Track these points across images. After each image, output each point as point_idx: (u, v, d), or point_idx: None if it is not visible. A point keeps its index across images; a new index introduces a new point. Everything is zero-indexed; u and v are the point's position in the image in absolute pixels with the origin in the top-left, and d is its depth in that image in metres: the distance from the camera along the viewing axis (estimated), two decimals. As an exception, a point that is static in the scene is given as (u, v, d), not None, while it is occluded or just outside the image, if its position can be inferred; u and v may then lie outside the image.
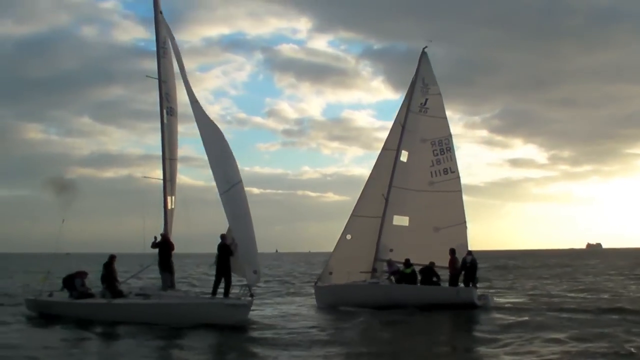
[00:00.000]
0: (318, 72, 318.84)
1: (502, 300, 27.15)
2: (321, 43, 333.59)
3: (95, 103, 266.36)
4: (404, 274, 24.80)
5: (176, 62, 21.58)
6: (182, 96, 22.33)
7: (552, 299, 27.56)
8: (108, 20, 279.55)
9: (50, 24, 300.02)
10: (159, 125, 22.31)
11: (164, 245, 20.85)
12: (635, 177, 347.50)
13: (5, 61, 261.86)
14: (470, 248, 25.18)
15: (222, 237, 20.09)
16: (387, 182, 26.40)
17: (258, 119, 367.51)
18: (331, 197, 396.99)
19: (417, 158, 26.54)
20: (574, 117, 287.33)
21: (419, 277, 24.77)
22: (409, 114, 26.79)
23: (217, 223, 20.43)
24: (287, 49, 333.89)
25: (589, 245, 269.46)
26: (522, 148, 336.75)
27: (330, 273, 26.23)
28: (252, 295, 19.25)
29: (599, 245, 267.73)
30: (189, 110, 21.02)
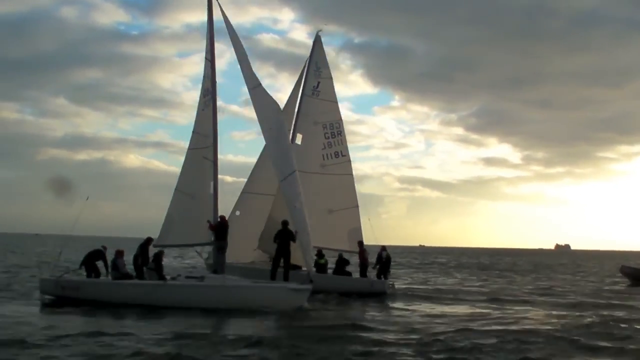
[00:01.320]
0: (298, 63, 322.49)
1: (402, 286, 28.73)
2: (302, 34, 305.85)
3: (71, 85, 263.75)
4: (319, 264, 25.05)
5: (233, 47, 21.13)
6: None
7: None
8: (89, 2, 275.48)
9: (31, 4, 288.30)
10: (134, 109, 21.81)
11: (222, 227, 19.99)
12: (607, 181, 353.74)
13: None
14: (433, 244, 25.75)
15: (285, 223, 20.61)
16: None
17: (235, 107, 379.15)
18: None
19: (309, 141, 26.71)
20: (550, 118, 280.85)
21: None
22: (303, 98, 27.01)
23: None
24: (267, 39, 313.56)
25: (557, 246, 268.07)
26: (497, 147, 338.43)
27: None
28: (311, 281, 19.11)
29: (567, 246, 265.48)
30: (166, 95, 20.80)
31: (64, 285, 18.97)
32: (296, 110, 26.90)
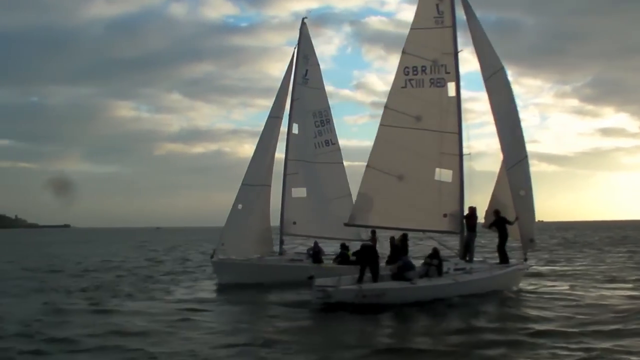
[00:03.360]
0: None
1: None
2: (410, 15, 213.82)
3: (184, 80, 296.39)
4: (347, 256, 24.08)
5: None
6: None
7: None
8: None
9: (140, 4, 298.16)
10: (247, 100, 21.57)
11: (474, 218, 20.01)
12: None
13: (97, 42, 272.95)
14: (552, 219, 26.95)
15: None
16: (274, 150, 25.82)
17: (346, 92, 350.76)
18: None
19: (304, 130, 26.29)
20: None
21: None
22: (295, 86, 26.26)
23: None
24: (375, 22, 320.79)
25: None
26: (613, 117, 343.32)
27: (223, 244, 24.47)
28: (526, 260, 20.36)
29: None
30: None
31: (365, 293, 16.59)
32: (289, 99, 26.16)
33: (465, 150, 19.66)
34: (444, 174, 19.56)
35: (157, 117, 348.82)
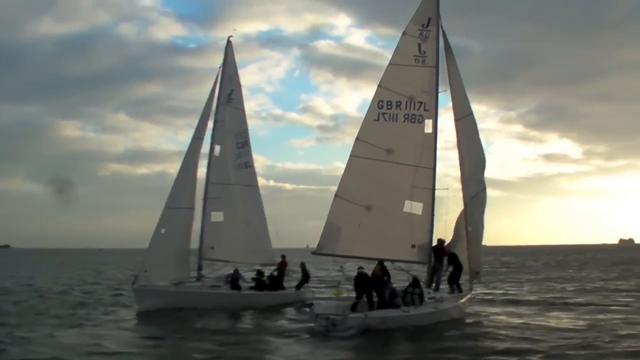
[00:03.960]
0: (355, 68, 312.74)
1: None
2: (359, 39, 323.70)
3: (131, 100, 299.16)
4: (262, 282, 24.87)
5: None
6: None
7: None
8: (147, 17, 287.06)
9: (90, 23, 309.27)
10: (194, 121, 23.64)
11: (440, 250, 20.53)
12: None
13: (45, 60, 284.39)
14: (494, 244, 26.55)
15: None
16: (196, 172, 25.05)
17: (293, 115, 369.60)
18: None
19: (226, 151, 25.66)
20: (611, 111, 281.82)
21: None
22: (219, 106, 25.64)
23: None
24: (324, 45, 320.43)
25: (621, 240, 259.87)
26: (557, 143, 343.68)
27: (145, 271, 23.54)
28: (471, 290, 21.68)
29: (631, 240, 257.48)
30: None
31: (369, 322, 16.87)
32: (213, 119, 25.53)
33: (443, 185, 20.32)
34: (415, 207, 20.01)
35: (103, 137, 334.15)
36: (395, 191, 20.05)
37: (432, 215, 20.12)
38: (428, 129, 20.19)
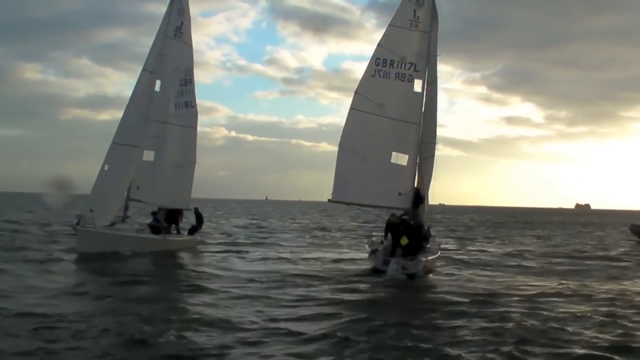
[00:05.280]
0: (322, 22, 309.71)
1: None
2: None
3: (95, 45, 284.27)
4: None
5: None
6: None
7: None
8: None
9: None
10: None
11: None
12: (630, 140, 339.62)
13: (7, 0, 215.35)
14: (452, 203, 26.47)
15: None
16: (145, 107, 23.73)
17: (258, 67, 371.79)
18: (325, 147, 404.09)
19: (167, 88, 24.47)
20: (575, 78, 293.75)
21: None
22: (165, 40, 24.37)
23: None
24: None
25: (577, 205, 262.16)
26: (520, 106, 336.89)
27: (91, 210, 22.33)
28: None
29: (587, 206, 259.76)
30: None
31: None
32: (155, 52, 24.16)
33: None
34: (400, 158, 21.60)
35: (65, 82, 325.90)
36: (384, 143, 21.48)
37: (415, 166, 21.91)
38: (417, 88, 22.05)
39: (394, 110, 21.61)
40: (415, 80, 21.85)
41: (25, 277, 16.26)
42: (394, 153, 21.66)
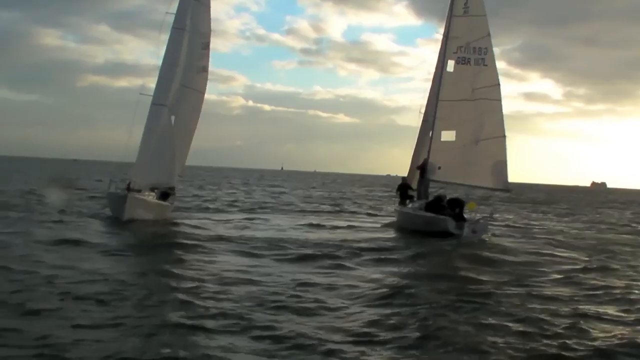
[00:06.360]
0: None
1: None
2: None
3: (114, 12, 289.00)
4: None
5: None
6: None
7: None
8: None
9: None
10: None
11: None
12: None
13: None
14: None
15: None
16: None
17: (277, 36, 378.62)
18: (342, 118, 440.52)
19: (191, 51, 22.89)
20: (595, 55, 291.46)
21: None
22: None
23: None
24: None
25: (593, 183, 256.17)
26: (538, 82, 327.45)
27: (137, 176, 21.32)
28: None
29: (603, 184, 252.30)
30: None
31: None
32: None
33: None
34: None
35: (83, 48, 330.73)
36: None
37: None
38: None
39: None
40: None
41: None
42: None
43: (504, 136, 22.87)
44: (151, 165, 20.90)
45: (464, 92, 23.08)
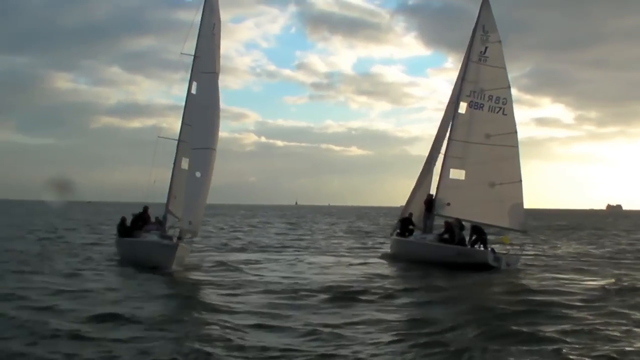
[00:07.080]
0: (351, 26, 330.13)
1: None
2: None
3: (125, 53, 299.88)
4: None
5: None
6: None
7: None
8: None
9: None
10: (188, 76, 22.08)
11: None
12: None
13: (38, 10, 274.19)
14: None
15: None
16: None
17: (287, 72, 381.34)
18: (355, 151, 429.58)
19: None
20: (604, 78, 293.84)
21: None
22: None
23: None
24: (321, 2, 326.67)
25: (609, 206, 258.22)
26: (549, 107, 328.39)
27: (190, 223, 20.89)
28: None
29: (619, 206, 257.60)
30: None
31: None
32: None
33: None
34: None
35: (95, 90, 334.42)
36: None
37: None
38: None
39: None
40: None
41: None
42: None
43: (520, 181, 23.95)
44: (196, 210, 20.71)
45: (476, 135, 24.29)
